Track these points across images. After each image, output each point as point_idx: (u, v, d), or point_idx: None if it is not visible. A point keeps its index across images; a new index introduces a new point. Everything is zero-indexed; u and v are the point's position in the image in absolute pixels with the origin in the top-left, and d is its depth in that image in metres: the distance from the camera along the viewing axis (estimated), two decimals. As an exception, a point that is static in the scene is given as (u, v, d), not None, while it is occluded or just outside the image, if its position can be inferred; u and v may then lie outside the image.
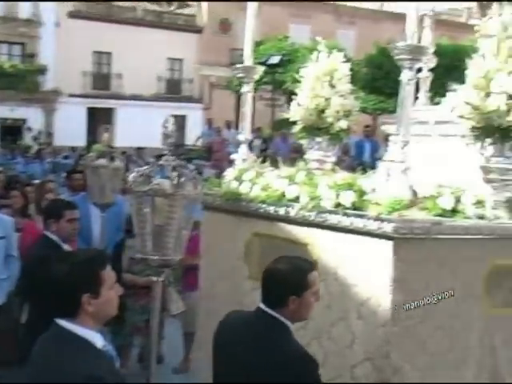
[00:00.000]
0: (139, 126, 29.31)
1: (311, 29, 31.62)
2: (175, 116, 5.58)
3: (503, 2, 4.88)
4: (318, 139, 5.34)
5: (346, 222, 3.94)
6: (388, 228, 3.68)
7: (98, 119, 30.30)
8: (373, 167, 4.49)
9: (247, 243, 4.71)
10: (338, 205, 4.00)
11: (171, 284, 5.97)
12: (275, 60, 21.91)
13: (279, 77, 23.14)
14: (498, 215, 4.02)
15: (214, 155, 21.72)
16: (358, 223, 3.86)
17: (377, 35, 29.91)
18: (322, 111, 5.23)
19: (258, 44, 28.96)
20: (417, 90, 5.45)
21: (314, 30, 31.47)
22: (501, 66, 4.06)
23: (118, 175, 6.81)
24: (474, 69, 4.19)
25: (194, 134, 26.19)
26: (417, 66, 3.99)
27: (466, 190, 4.03)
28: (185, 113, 31.82)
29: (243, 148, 5.23)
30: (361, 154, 17.02)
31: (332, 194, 4.04)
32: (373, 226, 3.76)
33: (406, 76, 3.93)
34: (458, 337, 3.93)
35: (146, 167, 4.10)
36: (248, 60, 5.20)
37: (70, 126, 29.82)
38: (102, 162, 6.61)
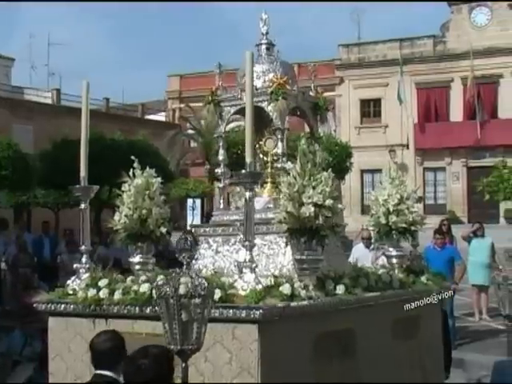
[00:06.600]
0: None
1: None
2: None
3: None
4: (140, 244, 6.20)
5: (215, 313, 4.90)
6: (256, 314, 4.75)
7: None
8: (53, 263, 5.51)
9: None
10: (208, 299, 4.93)
11: None
12: None
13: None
14: (318, 295, 5.35)
15: None
16: (228, 313, 4.86)
17: (54, 130, 30.29)
18: (145, 220, 6.12)
19: None
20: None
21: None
22: (307, 183, 5.45)
23: None
24: (286, 185, 5.53)
25: None
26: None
27: (294, 277, 5.30)
28: None
29: (85, 258, 5.85)
30: (40, 251, 17.02)
31: (200, 292, 4.96)
32: (242, 313, 4.80)
33: (247, 195, 5.10)
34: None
35: None
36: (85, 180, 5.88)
37: None
38: None
